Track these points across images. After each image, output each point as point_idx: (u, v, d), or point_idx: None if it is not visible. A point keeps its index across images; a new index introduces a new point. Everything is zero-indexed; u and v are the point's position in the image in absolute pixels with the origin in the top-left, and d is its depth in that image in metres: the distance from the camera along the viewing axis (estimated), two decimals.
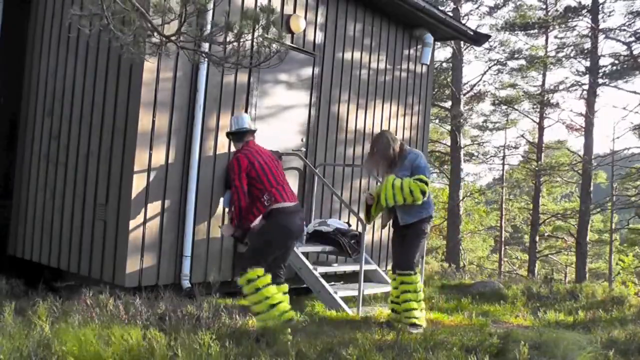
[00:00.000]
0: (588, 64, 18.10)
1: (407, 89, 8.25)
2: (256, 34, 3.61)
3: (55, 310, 4.14)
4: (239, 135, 4.90)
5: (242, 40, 3.58)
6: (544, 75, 20.23)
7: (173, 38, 3.48)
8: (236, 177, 4.60)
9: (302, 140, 6.77)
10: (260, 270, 4.47)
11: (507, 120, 21.51)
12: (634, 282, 19.59)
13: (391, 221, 5.36)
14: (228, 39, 3.72)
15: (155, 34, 3.42)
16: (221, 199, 5.76)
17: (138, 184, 5.19)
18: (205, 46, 4.78)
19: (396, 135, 7.98)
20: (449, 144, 18.99)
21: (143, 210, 5.22)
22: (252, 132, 4.94)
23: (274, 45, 3.78)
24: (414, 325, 4.95)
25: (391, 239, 5.52)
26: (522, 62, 19.90)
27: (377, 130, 7.70)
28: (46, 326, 3.60)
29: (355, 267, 6.03)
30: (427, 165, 5.22)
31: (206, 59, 4.28)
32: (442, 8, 13.98)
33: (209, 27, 4.77)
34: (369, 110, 7.62)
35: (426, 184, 4.99)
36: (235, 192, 4.60)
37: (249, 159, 4.66)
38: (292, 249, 5.03)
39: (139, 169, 5.19)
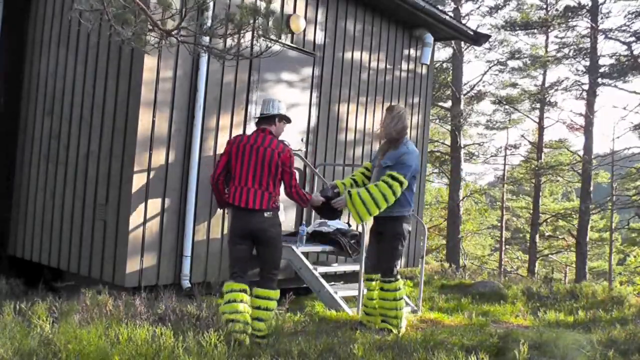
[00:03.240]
0: (588, 63, 18.11)
1: (407, 89, 8.25)
2: (256, 24, 3.60)
3: (55, 310, 4.15)
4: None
5: (242, 31, 3.58)
6: (544, 75, 20.24)
7: (174, 33, 3.49)
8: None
9: (302, 140, 6.77)
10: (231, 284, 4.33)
11: (509, 119, 21.52)
12: (634, 282, 19.59)
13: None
14: (228, 31, 3.72)
15: (156, 28, 3.42)
16: None
17: (138, 183, 5.19)
18: (206, 40, 4.77)
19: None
20: (449, 143, 18.98)
21: (143, 210, 5.22)
22: (260, 119, 4.54)
23: (272, 37, 3.76)
24: (386, 330, 4.79)
25: (368, 236, 5.25)
26: (523, 61, 19.91)
27: (377, 130, 7.71)
28: (46, 326, 3.60)
29: (355, 267, 6.03)
30: (413, 165, 4.77)
31: (207, 53, 4.27)
32: (442, 8, 13.97)
33: (209, 21, 4.77)
34: (369, 110, 7.62)
35: (401, 184, 4.64)
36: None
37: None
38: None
39: (139, 169, 5.19)
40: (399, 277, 4.99)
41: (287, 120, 4.61)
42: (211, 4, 5.14)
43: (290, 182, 4.44)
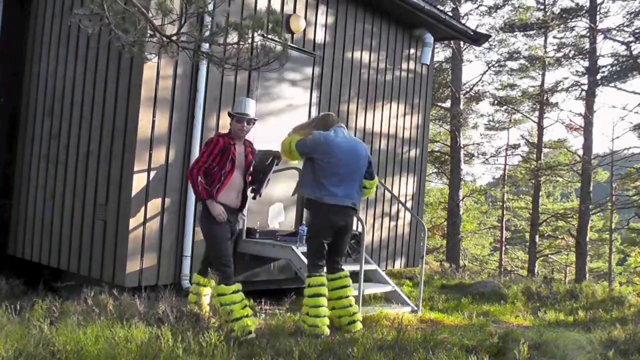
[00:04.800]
0: (587, 64, 18.10)
1: (407, 89, 8.26)
2: (258, 37, 3.60)
3: (55, 310, 4.15)
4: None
5: (242, 42, 3.58)
6: (543, 75, 20.24)
7: (174, 38, 3.48)
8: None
9: None
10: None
11: (510, 119, 21.53)
12: (635, 282, 19.60)
13: None
14: (229, 41, 3.71)
15: (157, 34, 3.42)
16: None
17: (138, 183, 5.19)
18: (206, 46, 4.77)
19: (396, 134, 8.00)
20: (449, 143, 18.98)
21: (143, 210, 5.22)
22: None
23: (277, 47, 3.76)
24: (315, 334, 4.48)
25: None
26: (522, 62, 19.90)
27: (377, 130, 7.71)
28: (44, 326, 3.60)
29: (355, 267, 6.02)
30: (309, 145, 4.83)
31: (207, 60, 4.28)
32: (441, 8, 13.95)
33: (209, 27, 4.77)
34: (369, 110, 7.62)
35: (290, 143, 4.91)
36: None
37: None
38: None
39: (139, 168, 5.19)
40: (320, 272, 4.81)
41: (231, 116, 4.74)
42: (211, 10, 5.12)
43: (194, 161, 4.64)
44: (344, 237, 5.00)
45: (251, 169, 4.84)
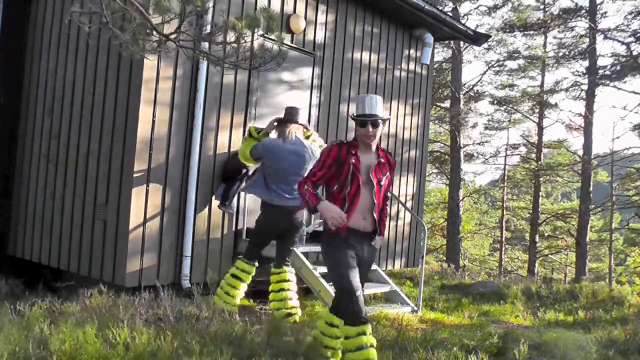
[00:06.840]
0: (587, 64, 18.10)
1: (407, 89, 8.25)
2: (255, 36, 3.59)
3: (54, 310, 4.14)
4: None
5: (241, 42, 3.57)
6: (543, 76, 20.24)
7: (172, 37, 3.47)
8: None
9: None
10: None
11: (509, 119, 21.54)
12: (634, 282, 19.58)
13: None
14: (227, 39, 3.70)
15: (155, 32, 3.41)
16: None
17: (138, 183, 5.18)
18: (205, 45, 4.77)
19: (396, 134, 8.01)
20: (449, 143, 18.98)
21: (143, 210, 5.22)
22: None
23: (274, 47, 3.75)
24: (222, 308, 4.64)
25: None
26: (522, 62, 19.91)
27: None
28: (44, 327, 3.60)
29: None
30: (258, 148, 5.15)
31: (205, 59, 4.26)
32: (441, 8, 13.95)
33: (208, 26, 4.77)
34: None
35: (247, 143, 5.25)
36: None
37: None
38: None
39: (139, 168, 5.19)
40: (251, 262, 5.12)
41: (355, 120, 3.96)
42: (210, 9, 5.13)
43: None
44: (290, 236, 5.30)
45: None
